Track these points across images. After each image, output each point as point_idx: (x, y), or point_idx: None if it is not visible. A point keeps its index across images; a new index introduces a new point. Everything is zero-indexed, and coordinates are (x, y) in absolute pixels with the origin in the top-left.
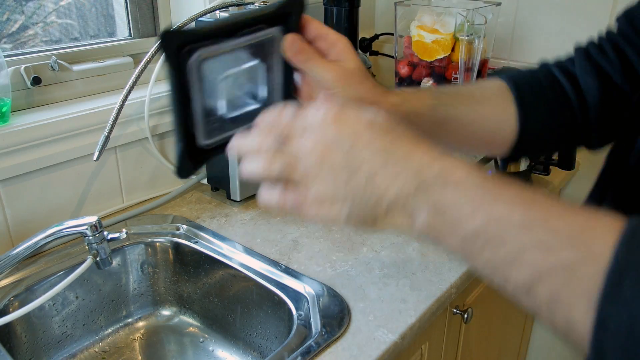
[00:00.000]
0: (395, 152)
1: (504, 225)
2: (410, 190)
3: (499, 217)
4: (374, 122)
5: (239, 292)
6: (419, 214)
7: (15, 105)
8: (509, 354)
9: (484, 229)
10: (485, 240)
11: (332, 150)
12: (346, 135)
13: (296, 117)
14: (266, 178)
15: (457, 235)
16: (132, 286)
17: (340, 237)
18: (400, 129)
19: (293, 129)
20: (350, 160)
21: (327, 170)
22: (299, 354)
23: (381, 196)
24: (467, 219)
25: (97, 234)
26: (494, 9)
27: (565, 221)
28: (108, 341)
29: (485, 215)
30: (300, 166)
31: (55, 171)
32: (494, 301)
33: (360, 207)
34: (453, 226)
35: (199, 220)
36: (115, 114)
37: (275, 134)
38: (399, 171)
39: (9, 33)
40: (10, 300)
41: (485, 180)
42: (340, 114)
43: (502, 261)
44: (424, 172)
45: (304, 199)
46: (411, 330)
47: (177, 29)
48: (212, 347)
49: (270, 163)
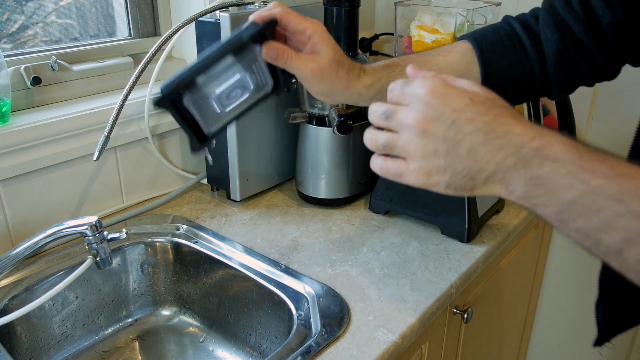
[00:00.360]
0: (496, 129)
1: (599, 197)
2: (510, 164)
3: (595, 190)
4: (475, 99)
5: (239, 292)
6: (518, 186)
7: (15, 105)
8: (509, 354)
9: (580, 199)
10: (580, 210)
11: (434, 124)
12: (449, 110)
13: (404, 90)
14: (373, 147)
15: (554, 205)
16: (132, 286)
17: (340, 237)
18: (500, 104)
19: (399, 102)
20: (452, 134)
21: (428, 142)
22: (299, 354)
23: (481, 168)
24: (564, 190)
25: (97, 234)
26: (494, 9)
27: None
28: (108, 341)
29: (581, 187)
30: (403, 136)
31: (55, 171)
32: (494, 301)
33: (460, 177)
34: (550, 197)
35: (199, 220)
36: (115, 114)
37: (384, 107)
38: (500, 146)
39: (9, 33)
40: (10, 300)
41: (581, 155)
42: (443, 90)
43: (595, 228)
44: (524, 147)
45: (406, 167)
46: (411, 330)
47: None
48: (212, 347)
49: (376, 134)
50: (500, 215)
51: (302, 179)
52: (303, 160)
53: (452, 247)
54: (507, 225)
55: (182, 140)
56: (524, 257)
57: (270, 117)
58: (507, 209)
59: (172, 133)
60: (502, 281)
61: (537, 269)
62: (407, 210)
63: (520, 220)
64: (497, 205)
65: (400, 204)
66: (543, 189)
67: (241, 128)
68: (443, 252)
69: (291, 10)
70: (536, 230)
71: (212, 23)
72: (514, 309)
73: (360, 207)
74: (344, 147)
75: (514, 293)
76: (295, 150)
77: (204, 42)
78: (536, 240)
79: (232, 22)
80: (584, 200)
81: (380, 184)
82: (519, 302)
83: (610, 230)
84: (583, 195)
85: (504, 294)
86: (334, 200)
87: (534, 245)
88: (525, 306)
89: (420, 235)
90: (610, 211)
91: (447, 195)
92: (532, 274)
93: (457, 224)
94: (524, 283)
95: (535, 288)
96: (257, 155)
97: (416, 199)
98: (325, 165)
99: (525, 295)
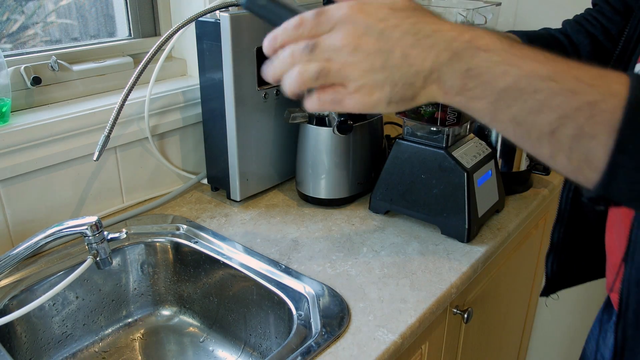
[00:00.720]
0: (424, 29)
1: (533, 79)
2: (444, 60)
3: (528, 73)
4: (395, 6)
5: (239, 292)
6: (453, 81)
7: (15, 105)
8: (509, 354)
9: (515, 84)
10: (515, 95)
11: (364, 38)
12: (374, 21)
13: (319, 19)
14: (303, 82)
15: (489, 95)
16: (132, 286)
17: (340, 237)
18: (419, 7)
19: (319, 31)
20: (383, 44)
21: (362, 58)
22: (299, 354)
23: (417, 71)
24: (499, 78)
25: (97, 234)
26: (494, 9)
27: (585, 70)
28: (108, 341)
29: (515, 72)
30: (336, 61)
31: (55, 171)
32: (494, 301)
33: (399, 87)
34: (486, 87)
35: (199, 220)
36: (115, 114)
37: (302, 41)
38: (431, 44)
39: (9, 33)
40: (10, 300)
41: (511, 44)
42: (362, 6)
43: (529, 111)
44: (455, 41)
45: (344, 91)
46: (411, 330)
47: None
48: (212, 347)
49: (305, 70)
50: (500, 215)
51: (302, 179)
52: (303, 160)
53: (452, 247)
54: (507, 225)
55: (182, 140)
56: (524, 257)
57: (270, 117)
58: (507, 209)
59: (172, 133)
60: (502, 281)
61: (537, 269)
62: (407, 210)
63: (520, 220)
64: (497, 205)
65: (400, 204)
66: (478, 80)
67: (241, 128)
68: (443, 252)
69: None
70: (536, 230)
71: (212, 23)
72: (514, 309)
73: (360, 207)
74: (344, 147)
75: (514, 293)
76: (295, 150)
77: (204, 42)
78: (536, 240)
79: (232, 22)
80: (518, 84)
81: (380, 184)
82: (519, 302)
83: (544, 111)
84: (518, 79)
85: (504, 294)
86: (334, 200)
87: (534, 245)
88: (525, 306)
89: (420, 235)
90: (546, 91)
91: (446, 195)
92: (532, 274)
93: (457, 224)
94: (524, 283)
95: (536, 288)
96: (257, 155)
97: (416, 199)
98: (325, 165)
99: (525, 295)
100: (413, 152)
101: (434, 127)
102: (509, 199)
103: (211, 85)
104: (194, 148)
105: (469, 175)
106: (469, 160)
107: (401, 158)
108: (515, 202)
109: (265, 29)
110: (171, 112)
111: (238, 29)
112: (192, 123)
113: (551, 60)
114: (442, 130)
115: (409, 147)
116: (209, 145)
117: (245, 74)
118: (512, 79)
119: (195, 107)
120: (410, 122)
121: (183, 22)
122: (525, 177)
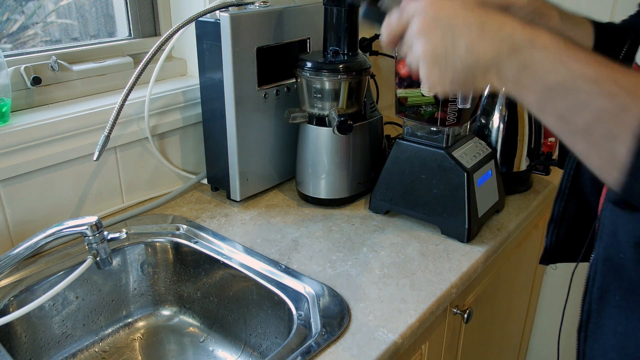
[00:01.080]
0: (489, 24)
1: (578, 80)
2: (505, 53)
3: (575, 74)
4: (466, 3)
5: (239, 292)
6: (510, 72)
7: (15, 105)
8: (509, 354)
9: (562, 83)
10: (560, 93)
11: (433, 29)
12: (444, 16)
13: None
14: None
15: (538, 89)
16: (132, 286)
17: (340, 237)
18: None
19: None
20: (450, 36)
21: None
22: (299, 354)
23: (479, 61)
24: (549, 74)
25: (97, 234)
26: None
27: (625, 76)
28: (108, 341)
29: (564, 72)
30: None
31: (55, 171)
32: (494, 301)
33: (462, 73)
34: (536, 80)
35: (199, 220)
36: (115, 114)
37: (397, 20)
38: (495, 39)
39: (9, 33)
40: (10, 300)
41: (567, 45)
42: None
43: (571, 107)
44: (516, 37)
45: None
46: (411, 330)
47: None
48: (212, 347)
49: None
50: (500, 215)
51: (302, 179)
52: (303, 160)
53: (452, 247)
54: (507, 225)
55: (182, 140)
56: (524, 257)
57: (270, 117)
58: (507, 209)
59: (172, 133)
60: (502, 281)
61: (537, 269)
62: (407, 210)
63: (520, 220)
64: (497, 205)
65: (400, 204)
66: (532, 74)
67: (241, 128)
68: (443, 252)
69: None
70: (536, 230)
71: (212, 23)
72: (514, 309)
73: (360, 207)
74: (344, 147)
75: (514, 293)
76: (295, 150)
77: (204, 42)
78: (536, 240)
79: (232, 22)
80: (565, 83)
81: (380, 184)
82: (519, 302)
83: (583, 110)
84: (565, 79)
85: (504, 294)
86: (334, 200)
87: (534, 245)
88: (525, 306)
89: (420, 235)
90: (587, 92)
91: (446, 195)
92: (532, 274)
93: (457, 224)
94: (524, 283)
95: (535, 288)
96: (257, 155)
97: (416, 199)
98: (325, 165)
99: (525, 295)
100: (413, 152)
101: (434, 127)
102: (509, 199)
103: (211, 85)
104: (194, 148)
105: (469, 175)
106: (469, 160)
107: (401, 158)
108: (515, 202)
109: (265, 29)
110: (171, 112)
111: (238, 29)
112: (192, 123)
113: (601, 62)
114: (442, 130)
115: (409, 147)
116: (209, 145)
117: (245, 74)
118: (560, 78)
119: (195, 107)
120: (410, 122)
121: (183, 22)
122: (525, 177)
